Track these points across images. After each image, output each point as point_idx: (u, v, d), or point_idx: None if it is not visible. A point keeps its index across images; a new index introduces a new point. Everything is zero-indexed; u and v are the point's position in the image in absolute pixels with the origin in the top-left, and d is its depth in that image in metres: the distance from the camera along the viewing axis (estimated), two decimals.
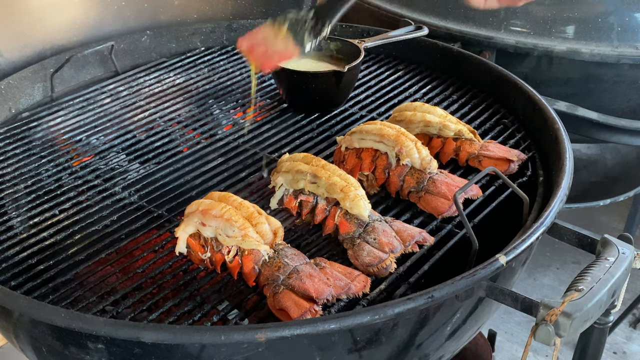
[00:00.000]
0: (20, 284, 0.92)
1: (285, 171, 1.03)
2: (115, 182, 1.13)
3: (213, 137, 1.27)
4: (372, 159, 1.10)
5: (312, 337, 0.78)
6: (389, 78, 1.47)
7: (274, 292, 0.86)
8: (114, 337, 0.76)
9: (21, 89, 1.37)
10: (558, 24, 1.66)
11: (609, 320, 1.03)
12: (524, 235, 0.91)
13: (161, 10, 1.65)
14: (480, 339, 1.51)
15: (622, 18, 1.65)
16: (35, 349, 0.87)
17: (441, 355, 0.96)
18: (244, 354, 0.77)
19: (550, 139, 1.15)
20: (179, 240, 0.94)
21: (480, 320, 0.97)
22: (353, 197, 0.96)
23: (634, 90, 1.70)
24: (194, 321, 0.86)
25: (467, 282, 0.82)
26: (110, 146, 1.24)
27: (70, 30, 1.52)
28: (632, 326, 2.10)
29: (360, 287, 0.87)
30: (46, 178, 1.15)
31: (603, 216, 2.46)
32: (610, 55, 1.62)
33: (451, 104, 1.37)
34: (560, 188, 1.01)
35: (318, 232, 1.02)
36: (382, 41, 1.44)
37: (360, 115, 1.34)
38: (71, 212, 1.06)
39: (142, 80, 1.46)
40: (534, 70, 1.69)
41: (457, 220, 1.02)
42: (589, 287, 0.83)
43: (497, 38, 1.67)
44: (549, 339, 0.80)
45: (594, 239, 0.97)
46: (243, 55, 1.59)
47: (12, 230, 1.03)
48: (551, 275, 2.27)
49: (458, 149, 1.15)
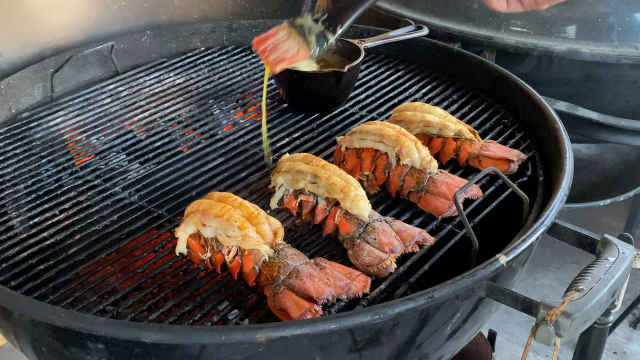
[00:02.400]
0: (21, 284, 0.92)
1: (285, 171, 1.03)
2: (115, 182, 1.13)
3: (213, 137, 1.27)
4: (372, 159, 1.10)
5: (312, 337, 0.78)
6: (389, 78, 1.47)
7: (274, 292, 0.86)
8: (114, 337, 0.76)
9: (21, 89, 1.37)
10: (558, 24, 1.66)
11: (609, 320, 1.03)
12: (524, 235, 0.91)
13: (161, 10, 1.65)
14: (480, 339, 1.51)
15: (622, 18, 1.65)
16: (35, 349, 0.87)
17: (441, 355, 0.96)
18: (244, 354, 0.77)
19: (550, 139, 1.15)
20: (179, 240, 0.94)
21: (480, 320, 0.97)
22: (353, 197, 0.96)
23: (634, 90, 1.70)
24: (194, 321, 0.86)
25: (467, 282, 0.82)
26: (110, 146, 1.24)
27: (70, 30, 1.52)
28: (632, 326, 2.10)
29: (360, 287, 0.87)
30: (46, 178, 1.15)
31: (603, 216, 2.46)
32: (610, 55, 1.62)
33: (451, 104, 1.37)
34: (560, 188, 1.01)
35: (318, 232, 1.02)
36: (382, 41, 1.44)
37: (360, 115, 1.34)
38: (71, 212, 1.06)
39: (142, 80, 1.46)
40: (534, 70, 1.69)
41: (457, 220, 1.02)
42: (589, 287, 0.83)
43: (497, 38, 1.67)
44: (549, 339, 0.80)
45: (594, 239, 0.97)
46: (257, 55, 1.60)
47: (12, 230, 1.03)
48: (551, 275, 2.27)
49: (458, 149, 1.15)
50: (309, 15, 0.99)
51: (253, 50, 1.02)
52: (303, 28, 0.98)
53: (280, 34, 1.00)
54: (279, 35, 1.00)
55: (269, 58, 0.99)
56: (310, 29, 0.97)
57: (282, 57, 0.99)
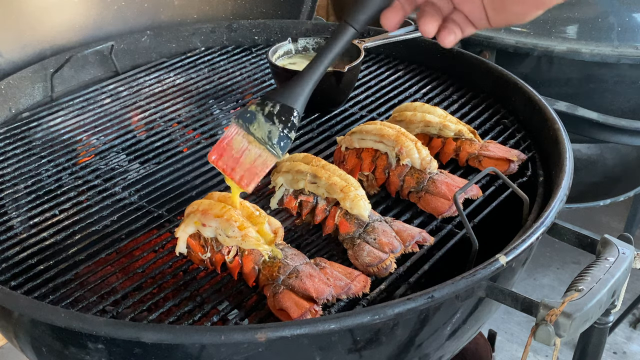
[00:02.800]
0: (20, 284, 0.92)
1: (285, 171, 1.03)
2: (115, 182, 1.13)
3: (213, 137, 1.27)
4: (372, 159, 1.10)
5: (312, 337, 0.78)
6: (389, 78, 1.47)
7: (274, 292, 0.86)
8: (114, 337, 0.76)
9: (21, 89, 1.37)
10: (558, 24, 1.66)
11: (609, 320, 1.03)
12: (524, 235, 0.90)
13: (161, 10, 1.65)
14: (480, 339, 1.51)
15: (622, 18, 1.65)
16: (35, 349, 0.87)
17: (441, 355, 0.96)
18: (244, 354, 0.77)
19: (550, 139, 1.15)
20: (179, 240, 0.93)
21: (480, 320, 0.97)
22: (353, 197, 0.96)
23: (634, 90, 1.70)
24: (194, 321, 0.86)
25: (467, 282, 0.82)
26: (110, 146, 1.24)
27: (70, 30, 1.52)
28: (632, 326, 2.10)
29: (360, 287, 0.87)
30: (46, 178, 1.15)
31: (603, 216, 2.46)
32: (610, 55, 1.62)
33: (451, 104, 1.37)
34: (560, 188, 1.01)
35: (318, 232, 1.02)
36: (382, 41, 1.44)
37: (360, 115, 1.34)
38: (71, 212, 1.06)
39: (142, 80, 1.46)
40: (534, 70, 1.69)
41: (457, 220, 1.02)
42: (589, 287, 0.83)
43: (497, 38, 1.67)
44: (549, 339, 0.80)
45: (594, 239, 0.97)
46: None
47: (12, 230, 1.03)
48: (551, 275, 2.27)
49: (458, 149, 1.15)
50: (259, 111, 0.87)
51: (209, 162, 0.88)
52: (262, 136, 0.86)
53: (237, 144, 0.87)
54: (236, 146, 0.87)
55: (236, 177, 0.87)
56: (271, 134, 0.86)
57: (252, 174, 0.87)
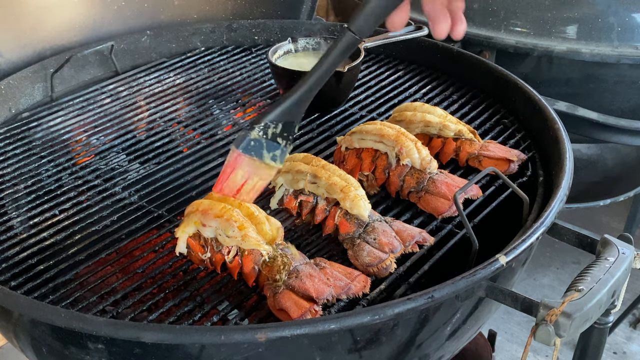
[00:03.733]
0: (20, 284, 0.92)
1: (285, 171, 1.03)
2: (115, 182, 1.13)
3: (213, 137, 1.27)
4: (372, 159, 1.10)
5: (312, 337, 0.78)
6: (389, 78, 1.47)
7: (274, 292, 0.86)
8: (114, 337, 0.76)
9: (21, 89, 1.37)
10: (558, 24, 1.66)
11: (609, 320, 1.03)
12: (524, 235, 0.90)
13: (161, 10, 1.65)
14: (480, 339, 1.51)
15: (622, 18, 1.65)
16: (35, 349, 0.87)
17: (441, 355, 0.96)
18: (244, 354, 0.77)
19: (550, 139, 1.15)
20: (179, 240, 0.93)
21: (480, 320, 0.97)
22: (353, 197, 0.96)
23: (634, 90, 1.70)
24: (194, 321, 0.86)
25: (467, 282, 0.82)
26: (110, 146, 1.24)
27: (70, 30, 1.52)
28: (632, 326, 2.10)
29: (360, 287, 0.87)
30: (46, 178, 1.15)
31: (603, 216, 2.46)
32: (610, 55, 1.62)
33: (451, 104, 1.37)
34: (560, 188, 1.01)
35: (318, 232, 1.02)
36: (382, 41, 1.44)
37: (360, 115, 1.34)
38: (71, 212, 1.06)
39: (142, 80, 1.46)
40: (534, 70, 1.69)
41: (457, 220, 1.02)
42: (589, 287, 0.83)
43: (497, 38, 1.67)
44: (549, 339, 0.80)
45: (594, 239, 0.97)
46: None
47: (12, 230, 1.03)
48: (551, 275, 2.27)
49: (458, 149, 1.15)
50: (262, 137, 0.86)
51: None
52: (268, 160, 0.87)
53: (241, 173, 0.88)
54: (240, 174, 0.88)
55: (239, 199, 0.89)
56: (275, 155, 0.87)
57: (255, 192, 0.89)
